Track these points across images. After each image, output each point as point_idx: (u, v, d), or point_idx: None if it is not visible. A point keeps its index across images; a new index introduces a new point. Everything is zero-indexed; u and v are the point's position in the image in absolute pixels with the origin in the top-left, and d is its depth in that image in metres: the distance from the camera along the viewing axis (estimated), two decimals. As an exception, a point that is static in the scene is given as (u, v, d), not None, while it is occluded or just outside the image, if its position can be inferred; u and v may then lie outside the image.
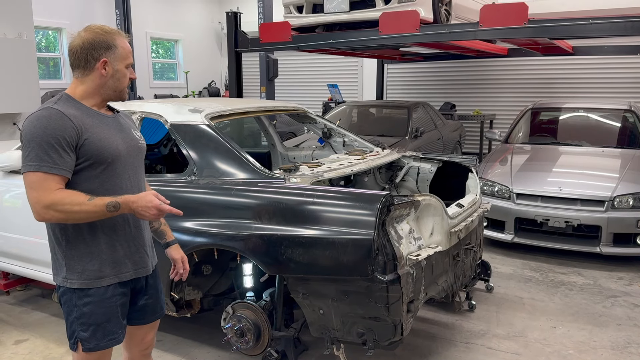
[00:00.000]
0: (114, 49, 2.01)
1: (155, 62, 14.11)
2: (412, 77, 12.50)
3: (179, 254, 2.37)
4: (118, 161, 2.04)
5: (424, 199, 2.99)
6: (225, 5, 14.73)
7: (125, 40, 2.07)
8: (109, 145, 2.00)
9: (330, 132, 4.60)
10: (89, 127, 1.97)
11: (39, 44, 11.34)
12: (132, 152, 2.12)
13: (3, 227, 3.87)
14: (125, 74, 2.06)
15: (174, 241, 2.38)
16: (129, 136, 2.13)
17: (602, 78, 10.48)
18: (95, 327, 2.03)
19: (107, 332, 2.06)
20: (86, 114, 2.00)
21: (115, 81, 2.04)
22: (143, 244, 2.16)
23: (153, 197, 1.94)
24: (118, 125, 2.11)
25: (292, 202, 2.83)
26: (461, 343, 3.63)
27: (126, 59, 2.05)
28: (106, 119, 2.07)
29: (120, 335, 2.11)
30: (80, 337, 2.04)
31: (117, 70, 2.03)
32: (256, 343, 3.06)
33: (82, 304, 2.02)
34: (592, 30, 5.27)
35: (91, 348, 2.05)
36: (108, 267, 2.03)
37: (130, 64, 2.07)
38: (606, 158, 5.96)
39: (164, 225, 2.38)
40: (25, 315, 4.14)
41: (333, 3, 6.31)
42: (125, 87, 2.08)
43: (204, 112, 3.37)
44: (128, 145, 2.10)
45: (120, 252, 2.07)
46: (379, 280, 2.61)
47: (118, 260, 2.06)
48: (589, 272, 5.00)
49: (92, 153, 1.96)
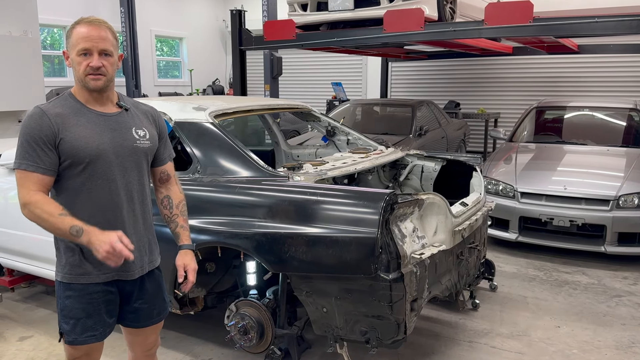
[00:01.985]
0: (69, 39, 1.97)
1: (159, 60, 14.13)
2: (416, 75, 12.47)
3: (182, 260, 2.18)
4: (99, 161, 1.97)
5: (428, 197, 2.98)
6: (229, 3, 14.73)
7: (84, 26, 1.95)
8: (86, 144, 1.95)
9: (334, 131, 4.59)
10: (70, 126, 1.94)
11: (43, 42, 11.36)
12: (121, 153, 2.03)
13: (8, 224, 3.89)
14: (79, 62, 1.94)
15: (186, 246, 2.22)
16: (122, 136, 2.04)
17: (607, 77, 10.43)
18: (75, 321, 2.04)
19: (87, 327, 2.04)
20: (76, 112, 1.98)
21: (75, 71, 1.97)
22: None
23: (114, 237, 1.82)
24: (113, 124, 2.04)
25: (296, 200, 2.83)
26: (465, 342, 3.63)
27: (76, 46, 1.93)
28: (98, 117, 2.01)
29: (100, 332, 2.08)
30: (63, 329, 2.07)
31: (72, 60, 1.96)
32: (259, 341, 3.06)
33: (64, 297, 2.04)
34: (598, 28, 5.25)
35: (71, 341, 2.06)
36: (89, 265, 2.01)
37: (82, 50, 1.92)
38: (611, 157, 5.93)
39: (180, 228, 2.25)
40: (30, 312, 4.16)
41: (337, 1, 6.31)
42: (81, 76, 1.95)
43: (208, 110, 3.38)
44: (117, 145, 2.02)
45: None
46: (383, 278, 2.61)
47: (97, 260, 1.94)
48: (593, 272, 4.98)
49: (69, 153, 1.93)
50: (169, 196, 2.28)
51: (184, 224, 2.27)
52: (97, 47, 1.94)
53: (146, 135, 2.13)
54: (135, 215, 2.11)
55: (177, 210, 2.27)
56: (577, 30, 5.54)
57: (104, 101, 2.05)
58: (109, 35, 1.98)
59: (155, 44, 13.82)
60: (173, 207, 2.27)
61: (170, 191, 2.29)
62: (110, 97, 2.08)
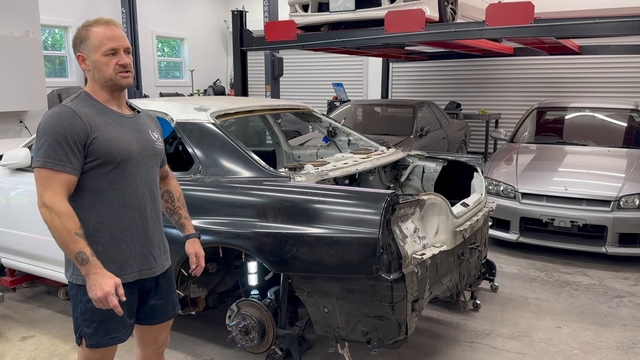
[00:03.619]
0: (86, 41, 1.99)
1: (160, 61, 14.14)
2: (417, 76, 12.47)
3: (193, 248, 2.35)
4: (129, 161, 2.03)
5: (429, 198, 2.99)
6: (230, 3, 14.74)
7: (102, 27, 1.99)
8: (118, 145, 1.99)
9: (335, 131, 4.60)
10: (100, 125, 1.97)
11: (44, 42, 11.38)
12: (145, 154, 2.10)
13: (10, 224, 3.90)
14: (106, 62, 1.97)
15: (193, 235, 2.37)
16: (144, 137, 2.11)
17: (608, 77, 10.43)
18: (97, 324, 2.04)
19: (109, 330, 2.06)
20: (100, 112, 2.01)
21: (98, 72, 1.99)
22: (149, 245, 2.13)
23: (111, 287, 1.86)
24: (134, 125, 2.10)
25: (297, 201, 2.83)
26: (466, 342, 3.63)
27: (101, 47, 1.97)
28: (122, 118, 2.06)
29: (123, 334, 2.10)
30: (84, 332, 2.06)
31: (95, 61, 1.98)
32: (261, 341, 3.06)
33: (86, 300, 2.01)
34: (599, 29, 5.24)
35: (93, 345, 2.06)
36: (112, 266, 2.01)
37: (110, 50, 1.97)
38: (612, 158, 5.93)
39: (184, 219, 2.38)
40: (32, 312, 4.17)
41: (339, 2, 6.31)
42: (111, 75, 1.99)
43: (209, 111, 3.38)
44: (142, 146, 2.08)
45: (125, 252, 2.06)
46: (384, 279, 2.61)
47: (122, 260, 2.05)
48: (594, 272, 4.98)
49: (101, 152, 1.96)
50: (168, 190, 2.38)
51: (187, 214, 2.41)
52: (123, 46, 2.01)
53: (159, 138, 2.22)
54: (157, 213, 2.19)
55: (179, 202, 2.40)
56: (578, 31, 5.54)
57: (121, 101, 2.11)
58: (124, 34, 2.06)
59: (157, 44, 13.83)
60: (175, 200, 2.38)
61: (169, 185, 2.39)
62: (124, 97, 2.14)
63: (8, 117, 7.22)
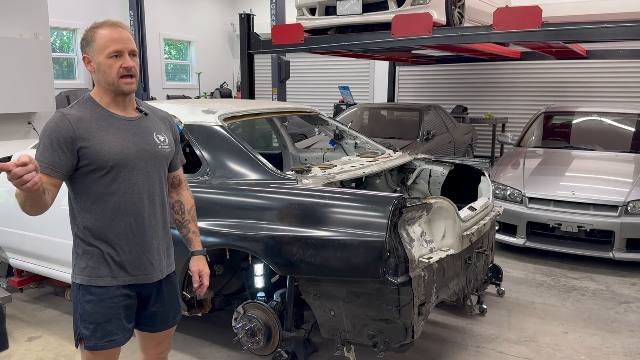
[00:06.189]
0: (92, 43, 1.97)
1: (167, 63, 14.21)
2: (423, 79, 12.47)
3: (197, 266, 2.26)
4: (124, 166, 1.99)
5: (436, 201, 2.98)
6: (238, 7, 14.80)
7: (108, 29, 1.96)
8: (109, 149, 1.96)
9: (342, 134, 4.60)
10: (93, 130, 1.95)
11: (53, 45, 11.46)
12: (144, 158, 2.05)
13: (18, 225, 3.92)
14: (110, 65, 1.94)
15: (199, 252, 2.29)
16: (144, 140, 2.06)
17: (616, 82, 10.39)
18: (95, 326, 2.02)
19: (107, 332, 2.03)
20: (98, 116, 1.99)
21: (102, 74, 1.96)
22: (147, 251, 2.08)
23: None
24: (135, 129, 2.05)
25: (304, 203, 2.84)
26: (472, 347, 3.62)
27: (105, 49, 1.94)
28: (122, 122, 2.03)
29: (121, 337, 2.07)
30: (82, 334, 2.05)
31: (99, 64, 1.95)
32: (267, 343, 3.06)
33: (84, 301, 2.02)
34: (607, 34, 5.23)
35: (91, 347, 2.04)
36: (106, 268, 2.01)
37: (114, 52, 1.94)
38: (620, 163, 5.91)
39: (192, 234, 2.30)
40: (39, 313, 4.19)
41: (346, 5, 6.33)
42: (113, 79, 1.95)
43: (217, 113, 3.40)
44: (140, 149, 2.04)
45: (120, 256, 2.03)
46: (390, 282, 2.61)
47: (118, 263, 2.03)
48: (601, 278, 4.96)
49: (92, 157, 1.94)
50: (180, 201, 2.30)
51: (196, 229, 2.32)
52: (128, 48, 1.97)
53: (166, 140, 2.15)
54: (156, 219, 2.12)
55: (189, 216, 2.31)
56: (586, 36, 5.53)
57: (126, 104, 2.07)
58: (131, 37, 2.03)
59: (164, 47, 13.90)
60: (185, 212, 2.30)
61: (181, 196, 2.31)
62: (131, 100, 2.10)
63: (17, 119, 7.28)
